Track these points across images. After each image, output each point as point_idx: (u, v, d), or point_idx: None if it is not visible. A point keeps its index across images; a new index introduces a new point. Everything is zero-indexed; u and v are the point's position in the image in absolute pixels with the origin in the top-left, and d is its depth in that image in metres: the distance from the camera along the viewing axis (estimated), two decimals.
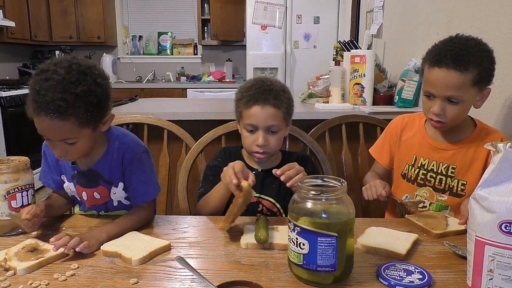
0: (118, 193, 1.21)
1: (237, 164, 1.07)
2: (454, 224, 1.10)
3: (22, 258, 0.90)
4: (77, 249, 0.93)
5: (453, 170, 1.27)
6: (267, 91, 1.24)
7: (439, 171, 1.28)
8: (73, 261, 0.91)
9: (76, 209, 1.31)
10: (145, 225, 1.13)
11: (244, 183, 1.02)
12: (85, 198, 1.21)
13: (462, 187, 1.26)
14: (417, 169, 1.32)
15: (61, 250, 0.92)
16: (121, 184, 1.19)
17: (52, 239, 0.95)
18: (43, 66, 0.98)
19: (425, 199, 1.31)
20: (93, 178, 1.17)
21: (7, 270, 0.87)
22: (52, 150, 1.05)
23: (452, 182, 1.27)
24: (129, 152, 1.16)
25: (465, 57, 1.12)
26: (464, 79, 1.13)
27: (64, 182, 1.21)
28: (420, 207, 1.30)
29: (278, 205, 1.30)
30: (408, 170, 1.35)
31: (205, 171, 1.36)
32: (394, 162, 1.42)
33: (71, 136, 1.00)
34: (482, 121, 1.30)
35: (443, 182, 1.28)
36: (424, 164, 1.31)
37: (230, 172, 1.05)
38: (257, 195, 1.29)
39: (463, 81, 1.13)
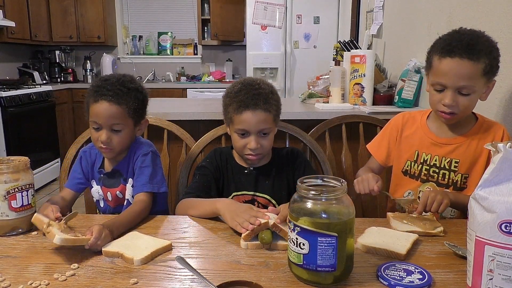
0: (128, 190, 1.30)
1: (252, 219, 1.00)
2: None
3: (64, 230, 0.95)
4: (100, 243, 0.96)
5: (456, 164, 1.26)
6: (257, 95, 1.23)
7: (442, 166, 1.28)
8: (73, 261, 0.91)
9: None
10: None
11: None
12: (109, 198, 1.33)
13: (465, 180, 1.26)
14: (420, 165, 1.32)
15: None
16: (130, 181, 1.29)
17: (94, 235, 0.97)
18: (98, 80, 1.25)
19: None
20: (115, 177, 1.31)
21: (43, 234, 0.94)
22: (99, 136, 1.20)
23: (455, 176, 1.27)
24: (140, 149, 1.30)
25: (476, 46, 1.12)
26: (476, 68, 1.12)
27: (92, 187, 1.34)
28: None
29: (273, 201, 1.31)
30: (411, 166, 1.34)
31: (195, 171, 1.37)
32: (394, 159, 1.41)
33: (119, 121, 1.20)
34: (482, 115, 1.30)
35: (447, 176, 1.28)
36: (427, 159, 1.31)
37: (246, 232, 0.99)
38: (252, 193, 1.32)
39: (475, 71, 1.13)
